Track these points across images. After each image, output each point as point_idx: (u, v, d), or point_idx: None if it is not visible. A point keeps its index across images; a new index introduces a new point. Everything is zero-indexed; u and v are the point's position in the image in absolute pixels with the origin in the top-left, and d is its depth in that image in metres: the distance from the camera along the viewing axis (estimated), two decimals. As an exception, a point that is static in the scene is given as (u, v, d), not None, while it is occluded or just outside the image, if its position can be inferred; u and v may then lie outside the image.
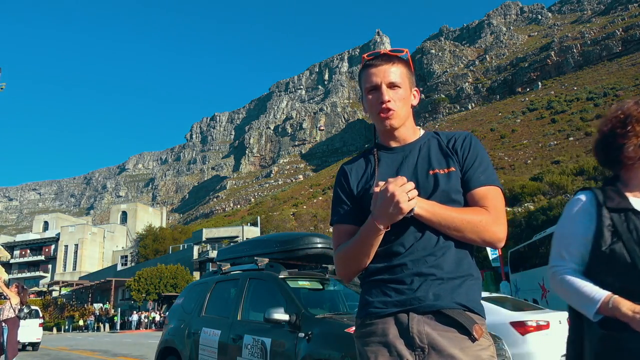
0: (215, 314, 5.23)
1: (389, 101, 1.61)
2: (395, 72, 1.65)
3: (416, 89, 1.73)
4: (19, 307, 8.55)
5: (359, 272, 1.67)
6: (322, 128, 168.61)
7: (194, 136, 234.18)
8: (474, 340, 1.49)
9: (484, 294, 7.19)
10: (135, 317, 42.27)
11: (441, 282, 1.52)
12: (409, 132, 1.71)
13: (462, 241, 1.57)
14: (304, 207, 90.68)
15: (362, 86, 1.72)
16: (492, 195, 1.60)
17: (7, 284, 9.11)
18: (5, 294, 8.41)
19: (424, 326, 1.50)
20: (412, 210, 1.48)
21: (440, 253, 1.54)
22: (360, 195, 1.68)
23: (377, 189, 1.50)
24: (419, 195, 1.51)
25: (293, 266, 5.28)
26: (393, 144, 1.71)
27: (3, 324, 8.34)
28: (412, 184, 1.48)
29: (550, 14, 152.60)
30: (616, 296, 1.59)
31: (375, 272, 1.60)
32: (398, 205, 1.45)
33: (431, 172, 1.61)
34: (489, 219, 1.54)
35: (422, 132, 1.76)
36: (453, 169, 1.62)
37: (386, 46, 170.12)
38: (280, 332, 4.21)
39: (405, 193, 1.45)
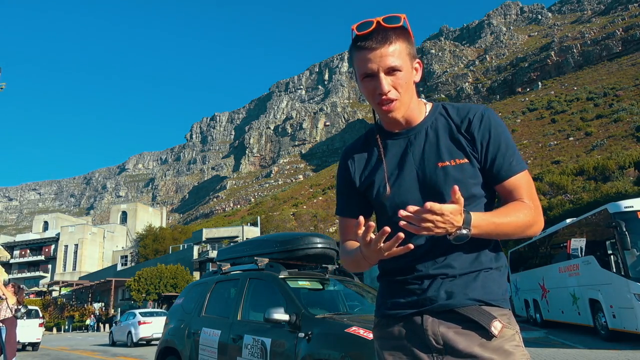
0: (215, 314, 5.21)
1: (389, 91, 1.42)
2: (393, 54, 1.40)
3: (418, 61, 1.49)
4: (16, 306, 8.54)
5: (364, 270, 1.64)
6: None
7: (194, 136, 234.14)
8: (491, 337, 1.39)
9: None
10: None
11: (453, 280, 1.43)
12: (414, 112, 1.53)
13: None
14: (304, 207, 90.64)
15: (354, 67, 1.48)
16: (525, 182, 1.46)
17: (6, 284, 9.09)
18: (2, 294, 8.40)
19: (439, 327, 1.42)
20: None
21: (451, 252, 1.44)
22: (364, 187, 1.59)
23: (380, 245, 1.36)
24: (426, 189, 1.45)
25: (293, 266, 5.26)
26: (396, 129, 1.56)
27: (1, 324, 8.33)
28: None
29: (550, 14, 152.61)
30: None
31: (388, 272, 1.56)
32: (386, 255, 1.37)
33: (440, 164, 1.46)
34: (532, 214, 1.42)
35: (428, 107, 1.58)
36: (466, 160, 1.46)
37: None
38: (280, 332, 4.19)
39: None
